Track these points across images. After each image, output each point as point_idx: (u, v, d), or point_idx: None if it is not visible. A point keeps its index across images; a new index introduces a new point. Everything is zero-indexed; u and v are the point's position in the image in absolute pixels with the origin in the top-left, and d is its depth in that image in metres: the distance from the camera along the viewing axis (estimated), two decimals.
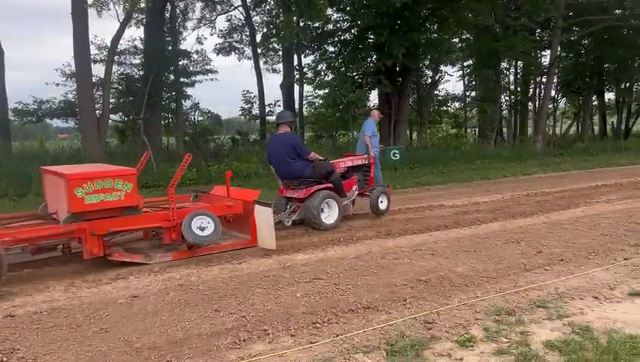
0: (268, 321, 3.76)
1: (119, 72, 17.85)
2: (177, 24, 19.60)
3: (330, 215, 7.22)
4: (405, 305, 4.06)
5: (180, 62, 18.78)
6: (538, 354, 3.19)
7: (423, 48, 18.12)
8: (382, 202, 8.13)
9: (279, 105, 20.44)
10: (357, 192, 8.16)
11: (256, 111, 20.70)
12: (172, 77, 18.16)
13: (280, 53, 21.49)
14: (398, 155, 14.80)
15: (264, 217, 6.03)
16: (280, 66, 22.02)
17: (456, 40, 23.76)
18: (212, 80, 19.87)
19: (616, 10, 23.41)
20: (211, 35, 22.39)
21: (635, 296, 4.19)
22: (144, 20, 17.04)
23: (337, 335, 3.49)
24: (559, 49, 22.95)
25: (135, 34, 46.95)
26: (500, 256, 5.50)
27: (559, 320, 3.74)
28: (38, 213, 5.91)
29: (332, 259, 5.49)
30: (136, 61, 18.25)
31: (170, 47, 17.86)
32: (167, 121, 19.85)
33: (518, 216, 7.89)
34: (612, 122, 30.82)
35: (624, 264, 5.11)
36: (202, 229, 5.57)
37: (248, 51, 21.75)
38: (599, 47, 24.93)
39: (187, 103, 19.93)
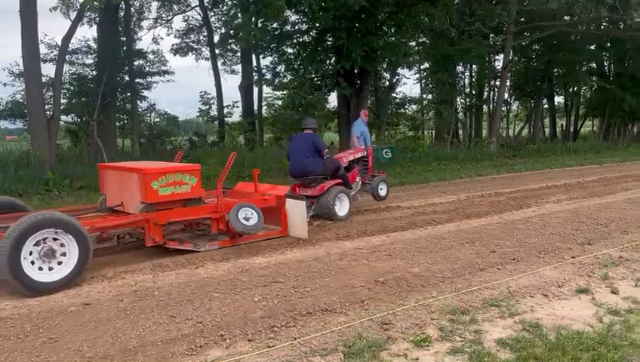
0: (225, 326, 3.72)
1: (71, 72, 17.33)
2: (133, 23, 19.18)
3: (342, 207, 7.97)
4: (363, 307, 4.10)
5: (136, 63, 18.38)
6: (490, 352, 3.28)
7: (380, 51, 18.32)
8: (382, 189, 9.13)
9: (237, 107, 20.30)
10: (360, 182, 9.03)
11: (214, 112, 20.47)
12: (127, 77, 17.74)
13: (238, 54, 21.33)
14: (390, 154, 14.60)
15: (297, 209, 6.66)
16: (239, 67, 21.87)
17: (413, 43, 24.16)
18: (169, 81, 19.55)
19: (565, 17, 24.36)
20: (168, 35, 22.04)
21: (581, 293, 4.36)
22: (97, 19, 16.58)
23: (295, 339, 3.49)
24: (511, 53, 23.65)
25: (88, 33, 45.66)
26: (456, 256, 5.62)
27: (511, 318, 3.86)
28: (97, 206, 6.38)
29: (291, 262, 5.49)
30: (89, 61, 17.76)
31: (124, 47, 17.44)
32: (122, 123, 19.38)
33: (473, 216, 8.08)
34: (561, 125, 31.99)
35: (572, 262, 5.32)
36: (247, 220, 6.11)
37: (206, 52, 21.51)
38: (549, 52, 25.85)
39: (143, 104, 19.53)
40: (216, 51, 20.79)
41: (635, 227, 6.98)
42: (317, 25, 17.32)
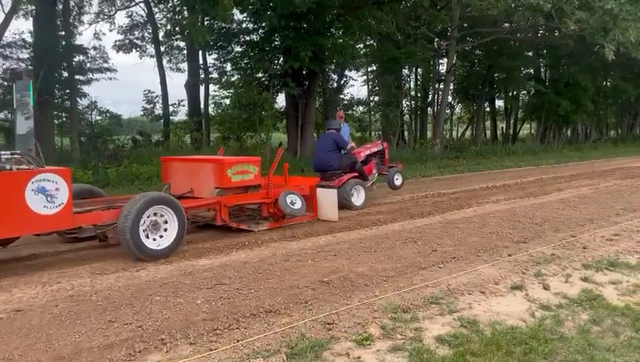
0: (166, 330, 3.64)
1: (5, 67, 16.44)
2: (73, 17, 18.43)
3: (358, 198, 8.99)
4: (307, 307, 4.11)
5: (76, 59, 17.66)
6: (430, 349, 3.37)
7: (328, 52, 18.46)
8: (397, 179, 10.35)
9: (183, 105, 19.87)
10: (377, 174, 10.19)
11: (159, 111, 19.98)
12: (66, 74, 17.02)
13: (184, 51, 20.91)
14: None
15: (329, 197, 7.91)
16: (184, 65, 21.43)
17: (361, 46, 24.50)
18: (111, 78, 18.91)
19: (505, 24, 25.36)
20: (110, 30, 21.30)
21: (515, 289, 4.55)
22: (33, 12, 15.82)
23: (238, 341, 3.46)
24: (455, 58, 24.38)
25: (24, 26, 43.60)
26: (399, 256, 5.73)
27: (450, 315, 3.97)
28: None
29: (235, 264, 5.43)
30: (25, 55, 16.92)
31: (63, 42, 16.72)
32: (60, 121, 18.57)
33: (417, 216, 8.27)
34: (502, 127, 33.25)
35: (508, 260, 5.54)
36: (293, 204, 7.30)
37: (151, 49, 20.96)
38: (490, 57, 26.84)
39: (84, 102, 18.79)
40: (162, 48, 20.30)
41: (567, 226, 7.35)
42: (264, 24, 17.26)
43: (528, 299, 4.32)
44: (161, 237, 5.70)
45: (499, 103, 33.39)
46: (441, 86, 25.41)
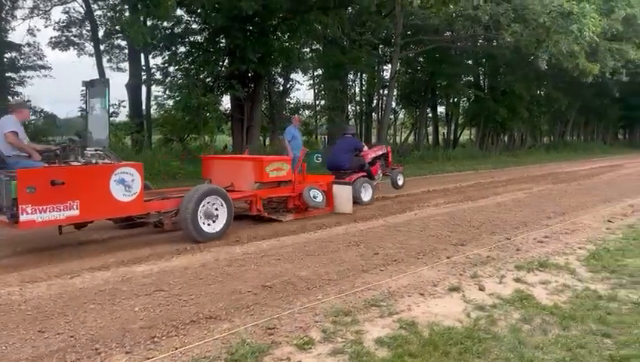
0: (100, 339, 3.52)
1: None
2: (5, 12, 17.51)
3: (366, 194, 10.00)
4: (249, 313, 4.08)
5: (7, 55, 16.80)
6: (369, 351, 3.42)
7: (274, 55, 18.44)
8: (399, 179, 11.59)
9: (124, 106, 19.27)
10: (382, 174, 11.33)
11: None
12: None
13: (126, 50, 20.29)
14: (320, 159, 15.04)
15: (344, 192, 8.99)
16: (126, 65, 20.79)
17: (307, 50, 24.63)
18: (46, 76, 18.10)
19: (447, 33, 26.18)
20: (46, 27, 20.31)
21: (453, 291, 4.70)
22: None
23: (176, 349, 3.39)
24: (399, 64, 24.93)
25: None
26: (342, 259, 5.79)
27: (390, 317, 4.04)
28: None
29: (176, 269, 5.32)
30: None
31: None
32: None
33: (360, 219, 8.38)
34: (443, 133, 34.26)
35: (446, 262, 5.71)
36: (315, 197, 8.46)
37: (89, 47, 20.20)
38: (432, 64, 27.62)
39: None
40: (101, 47, 19.61)
41: (502, 229, 7.65)
42: (210, 25, 17.04)
43: (465, 300, 4.46)
44: (213, 221, 6.77)
45: (440, 109, 34.48)
46: (386, 92, 25.89)
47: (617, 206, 9.86)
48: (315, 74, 27.36)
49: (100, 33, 19.24)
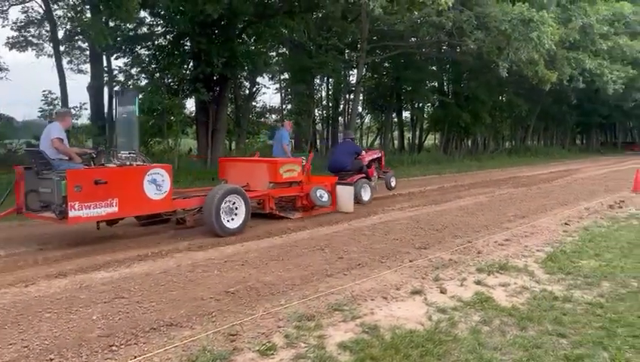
0: (56, 349, 3.41)
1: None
2: None
3: (365, 194, 10.64)
4: (210, 319, 4.03)
5: None
6: (332, 356, 3.42)
7: (240, 59, 18.34)
8: (392, 181, 12.30)
9: (86, 109, 18.77)
10: (377, 176, 11.99)
11: None
12: None
13: (87, 52, 19.81)
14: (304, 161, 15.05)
15: (347, 192, 9.66)
16: (87, 67, 20.28)
17: (273, 54, 24.60)
18: (1, 78, 17.48)
19: (412, 39, 26.56)
20: (3, 27, 19.65)
21: (415, 294, 4.75)
22: None
23: (135, 357, 3.32)
24: (364, 69, 25.15)
25: None
26: (306, 264, 5.79)
27: (352, 321, 4.06)
28: None
29: (137, 276, 5.21)
30: None
31: None
32: None
33: (325, 224, 8.40)
34: (408, 137, 34.71)
35: (409, 265, 5.77)
36: (321, 197, 9.09)
37: (49, 48, 19.63)
38: (398, 70, 27.97)
39: None
40: (61, 48, 19.08)
41: (464, 232, 7.79)
42: (174, 28, 16.83)
43: (426, 303, 4.52)
44: (233, 219, 7.43)
45: (406, 114, 34.98)
46: (352, 96, 26.07)
47: (574, 209, 10.18)
48: (282, 78, 27.35)
49: (60, 34, 18.74)
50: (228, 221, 7.34)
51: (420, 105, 32.84)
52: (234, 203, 7.47)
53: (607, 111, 41.14)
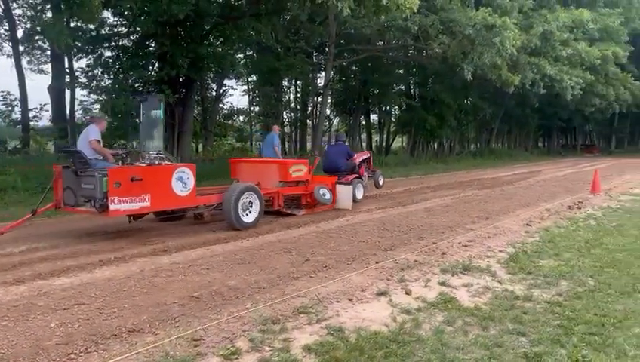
0: (11, 358, 3.31)
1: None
2: None
3: (359, 192, 11.37)
4: (174, 324, 3.97)
5: None
6: (297, 359, 3.42)
7: (207, 61, 18.14)
8: (380, 180, 13.12)
9: (46, 110, 18.26)
10: (367, 176, 12.61)
11: (17, 115, 18.15)
12: None
13: (48, 52, 19.28)
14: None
15: (346, 191, 10.46)
16: (48, 67, 19.73)
17: (241, 56, 24.44)
18: None
19: (379, 43, 26.82)
20: None
21: (380, 295, 4.79)
22: None
23: None
24: (332, 72, 25.25)
25: None
26: (272, 267, 5.76)
27: (318, 323, 4.07)
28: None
29: (99, 281, 5.10)
30: None
31: None
32: None
33: (293, 226, 8.39)
34: (376, 140, 35.00)
35: (375, 267, 5.82)
36: (324, 195, 9.86)
37: (8, 47, 19.03)
38: (365, 73, 28.21)
39: None
40: (20, 48, 18.52)
41: (429, 233, 7.90)
42: (138, 29, 16.54)
43: (391, 304, 4.56)
44: (248, 214, 8.13)
45: (373, 117, 35.26)
46: (320, 99, 26.14)
47: (535, 210, 10.44)
48: (250, 80, 27.22)
49: (20, 33, 18.19)
50: (244, 216, 8.03)
51: (388, 108, 33.17)
52: (249, 199, 8.16)
53: (568, 115, 42.43)
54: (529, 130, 47.45)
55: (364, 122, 34.04)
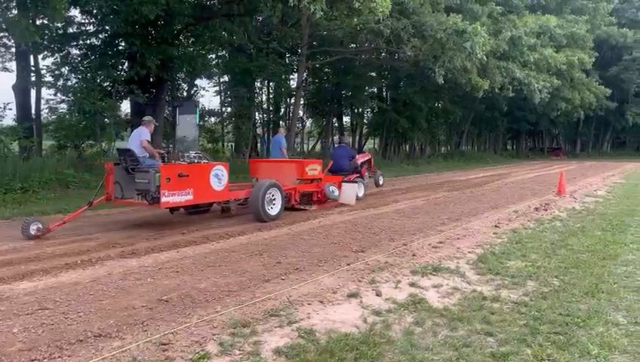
0: None
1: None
2: None
3: (361, 191, 12.31)
4: (142, 328, 3.91)
5: None
6: None
7: (177, 61, 17.94)
8: (380, 180, 14.24)
9: (10, 109, 17.74)
10: (368, 176, 13.63)
11: None
12: None
13: (13, 50, 18.76)
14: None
15: (351, 188, 11.56)
16: (13, 65, 19.20)
17: (213, 56, 24.24)
18: None
19: (351, 45, 26.96)
20: None
21: (351, 297, 4.81)
22: None
23: None
24: (305, 74, 25.26)
25: None
26: (243, 269, 5.72)
27: (289, 326, 4.05)
28: (252, 184, 9.78)
29: (64, 285, 4.97)
30: None
31: None
32: None
33: (264, 228, 8.35)
34: (348, 142, 35.09)
35: (347, 269, 5.83)
36: (333, 192, 10.87)
37: None
38: (338, 75, 28.32)
39: None
40: None
41: (400, 235, 7.97)
42: (107, 28, 16.24)
43: (362, 306, 4.58)
44: (273, 207, 9.18)
45: (346, 119, 35.38)
46: (293, 100, 26.12)
47: (504, 212, 10.64)
48: (222, 80, 27.01)
49: None
50: (269, 209, 9.02)
51: (360, 110, 33.35)
52: (273, 194, 9.19)
53: (535, 119, 43.42)
54: (498, 133, 48.44)
55: (336, 124, 34.16)
